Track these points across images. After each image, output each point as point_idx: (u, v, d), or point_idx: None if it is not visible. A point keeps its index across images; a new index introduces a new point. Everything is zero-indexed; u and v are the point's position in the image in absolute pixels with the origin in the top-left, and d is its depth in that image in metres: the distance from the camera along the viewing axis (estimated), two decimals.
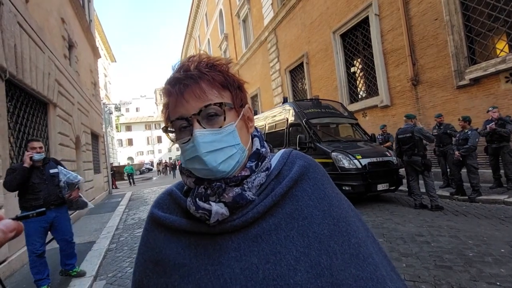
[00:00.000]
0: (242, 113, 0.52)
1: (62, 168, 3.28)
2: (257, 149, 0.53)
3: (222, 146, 0.47)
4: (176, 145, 0.51)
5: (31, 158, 2.86)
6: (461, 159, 5.33)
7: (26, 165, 2.83)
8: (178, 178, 17.06)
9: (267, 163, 0.53)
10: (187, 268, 0.46)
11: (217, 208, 0.46)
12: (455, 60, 6.69)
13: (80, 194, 3.35)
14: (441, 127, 6.30)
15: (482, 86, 6.33)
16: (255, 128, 0.57)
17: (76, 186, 3.24)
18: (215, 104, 0.47)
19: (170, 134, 0.51)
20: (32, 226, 2.86)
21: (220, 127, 0.47)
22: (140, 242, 0.55)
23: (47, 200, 2.98)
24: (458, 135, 5.62)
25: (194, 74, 0.47)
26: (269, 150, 0.56)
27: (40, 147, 2.99)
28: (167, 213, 0.53)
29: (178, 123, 0.48)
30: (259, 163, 0.51)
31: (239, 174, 0.48)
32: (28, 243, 2.89)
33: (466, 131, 5.42)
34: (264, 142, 0.56)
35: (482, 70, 6.21)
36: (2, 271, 3.48)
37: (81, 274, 3.34)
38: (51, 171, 3.10)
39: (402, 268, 2.80)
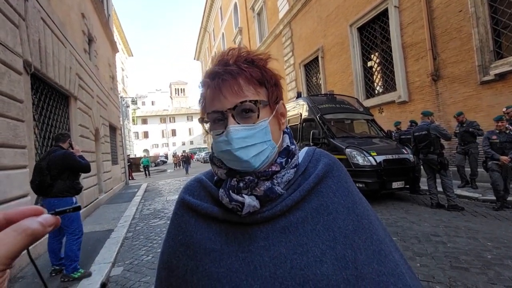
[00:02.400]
0: (276, 109, 0.54)
1: None
2: (287, 145, 0.55)
3: (254, 142, 0.48)
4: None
5: None
6: None
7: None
8: (191, 174, 17.31)
9: (296, 160, 0.55)
10: (218, 254, 0.48)
11: (249, 201, 0.48)
12: (480, 54, 6.37)
13: None
14: (464, 125, 6.02)
15: (508, 81, 6.01)
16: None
17: None
18: (250, 101, 0.48)
19: (205, 125, 0.53)
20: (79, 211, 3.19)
21: (254, 123, 0.49)
22: (170, 225, 0.57)
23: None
24: (496, 137, 4.72)
25: (233, 69, 0.49)
26: (297, 148, 0.58)
27: None
28: (198, 199, 0.55)
29: (213, 115, 0.50)
30: (289, 159, 0.53)
31: (270, 169, 0.50)
32: (79, 227, 3.21)
33: (508, 131, 4.71)
34: (293, 140, 0.58)
35: (509, 65, 5.88)
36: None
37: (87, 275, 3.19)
38: None
39: (416, 267, 2.76)
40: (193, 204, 0.54)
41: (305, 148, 0.61)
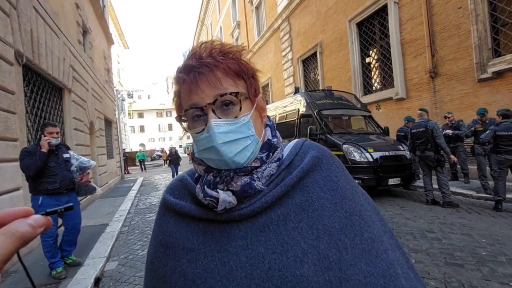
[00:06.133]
0: (256, 102, 0.51)
1: (73, 153, 3.29)
2: (268, 139, 0.52)
3: (238, 137, 0.46)
4: (188, 134, 0.50)
5: (49, 143, 2.89)
6: None
7: (44, 150, 2.84)
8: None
9: (279, 153, 0.52)
10: (195, 253, 0.47)
11: (225, 196, 0.46)
12: (478, 52, 6.37)
13: (89, 179, 3.34)
14: (487, 122, 5.65)
15: (506, 80, 6.02)
16: (268, 117, 0.56)
17: (87, 171, 3.25)
18: (231, 93, 0.46)
19: (183, 123, 0.50)
20: None
21: (236, 117, 0.47)
22: (154, 226, 0.57)
23: (62, 184, 2.99)
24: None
25: (209, 62, 0.46)
26: (281, 140, 0.55)
27: (57, 132, 3.01)
28: (178, 198, 0.54)
29: (191, 112, 0.47)
30: (270, 153, 0.51)
31: (249, 165, 0.48)
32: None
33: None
34: (276, 132, 0.55)
35: (506, 63, 5.89)
36: (24, 252, 3.65)
37: (76, 263, 3.25)
38: (64, 155, 3.11)
39: None
40: (172, 204, 0.53)
41: (294, 141, 0.57)
